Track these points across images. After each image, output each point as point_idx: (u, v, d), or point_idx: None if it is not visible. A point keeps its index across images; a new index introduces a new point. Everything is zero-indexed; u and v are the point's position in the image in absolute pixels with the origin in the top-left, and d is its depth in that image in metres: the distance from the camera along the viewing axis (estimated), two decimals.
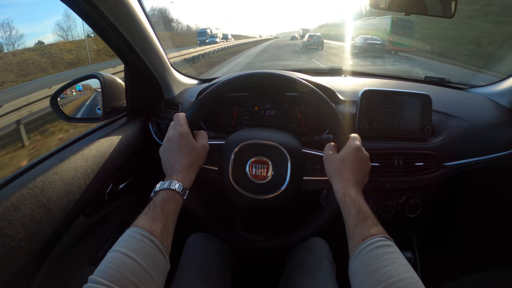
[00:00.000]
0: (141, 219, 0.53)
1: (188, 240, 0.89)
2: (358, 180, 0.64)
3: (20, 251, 0.59)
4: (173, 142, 0.66)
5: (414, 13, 1.01)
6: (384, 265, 0.47)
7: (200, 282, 0.75)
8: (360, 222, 0.56)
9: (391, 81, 1.30)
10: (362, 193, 0.63)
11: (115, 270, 0.44)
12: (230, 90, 0.74)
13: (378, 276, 0.46)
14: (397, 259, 0.49)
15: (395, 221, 1.02)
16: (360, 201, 0.60)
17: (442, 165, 0.95)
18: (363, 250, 0.52)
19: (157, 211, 0.55)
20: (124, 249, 0.47)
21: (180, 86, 1.20)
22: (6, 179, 0.64)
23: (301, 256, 0.85)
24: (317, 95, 0.71)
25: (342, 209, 0.61)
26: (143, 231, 0.50)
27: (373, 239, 0.52)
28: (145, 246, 0.49)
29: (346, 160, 0.65)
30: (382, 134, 0.96)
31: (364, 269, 0.50)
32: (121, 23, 0.81)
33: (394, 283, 0.44)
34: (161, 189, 0.60)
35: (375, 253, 0.50)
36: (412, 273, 0.47)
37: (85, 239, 0.83)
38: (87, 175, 0.77)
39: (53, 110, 0.99)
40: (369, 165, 0.68)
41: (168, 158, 0.66)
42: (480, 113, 1.07)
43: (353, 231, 0.56)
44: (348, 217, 0.59)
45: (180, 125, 0.67)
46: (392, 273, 0.46)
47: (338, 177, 0.65)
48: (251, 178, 0.72)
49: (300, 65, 11.33)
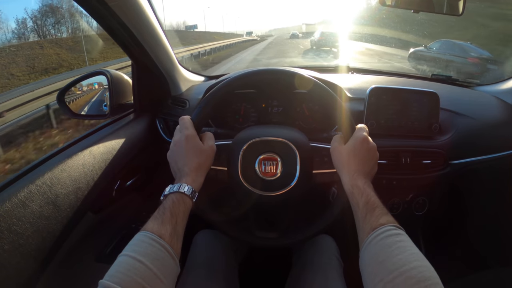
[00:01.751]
0: (151, 223, 0.53)
1: (196, 237, 0.89)
2: (366, 170, 0.64)
3: (28, 248, 0.59)
4: (180, 145, 0.66)
5: (422, 10, 1.00)
6: (395, 254, 0.47)
7: (208, 279, 0.75)
8: (369, 212, 0.56)
9: (398, 78, 1.29)
10: (371, 184, 0.63)
11: (125, 274, 0.44)
12: (235, 89, 0.73)
13: (389, 265, 0.46)
14: (408, 247, 0.48)
15: (401, 219, 1.01)
16: (368, 191, 0.59)
17: (449, 163, 0.95)
18: (373, 240, 0.51)
19: (167, 214, 0.55)
20: (133, 254, 0.47)
21: (187, 82, 1.20)
22: (14, 176, 0.65)
23: (309, 253, 0.85)
24: (321, 88, 0.71)
25: (351, 200, 0.61)
26: (152, 235, 0.51)
27: (383, 229, 0.52)
28: (155, 250, 0.49)
29: (353, 151, 0.65)
30: (390, 131, 0.95)
31: (374, 259, 0.49)
32: (129, 20, 0.81)
33: (406, 271, 0.44)
34: (171, 193, 0.60)
35: (385, 242, 0.50)
36: (424, 261, 0.46)
37: (92, 235, 0.83)
38: (95, 172, 0.77)
39: (60, 106, 1.00)
40: (376, 155, 0.67)
41: (176, 162, 0.66)
42: (487, 111, 1.06)
43: (363, 222, 0.56)
44: (357, 208, 0.58)
45: (186, 128, 0.67)
46: (403, 262, 0.45)
47: (345, 169, 0.65)
48: (261, 176, 0.71)
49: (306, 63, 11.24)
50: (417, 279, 0.42)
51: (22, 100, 5.17)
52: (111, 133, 0.89)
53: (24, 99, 5.20)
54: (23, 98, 5.22)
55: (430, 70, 7.59)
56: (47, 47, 15.59)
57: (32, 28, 19.74)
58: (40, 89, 5.56)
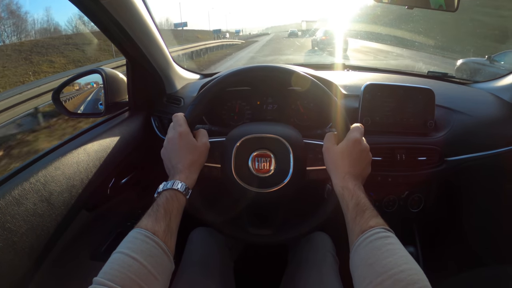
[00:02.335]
0: (145, 220, 0.54)
1: (191, 234, 0.89)
2: (357, 172, 0.64)
3: (22, 246, 0.59)
4: (173, 142, 0.66)
5: (416, 7, 1.00)
6: (384, 257, 0.47)
7: (203, 277, 0.75)
8: (358, 215, 0.56)
9: (393, 75, 1.29)
10: (363, 185, 0.62)
11: (119, 271, 0.44)
12: (228, 85, 0.73)
13: (378, 268, 0.46)
14: (397, 250, 0.48)
15: (397, 215, 1.02)
16: (358, 193, 0.59)
17: (444, 160, 0.95)
18: (362, 242, 0.51)
19: (160, 211, 0.55)
20: (127, 250, 0.48)
21: (182, 80, 1.19)
22: (8, 173, 0.64)
23: (304, 250, 0.85)
24: (317, 87, 0.70)
25: (341, 202, 0.61)
26: (146, 232, 0.51)
27: (372, 231, 0.52)
28: (149, 247, 0.49)
29: (345, 153, 0.64)
30: (385, 128, 0.95)
31: (364, 261, 0.49)
32: (123, 18, 0.80)
33: (395, 274, 0.44)
34: (164, 190, 0.60)
35: (375, 245, 0.50)
36: (413, 264, 0.46)
37: (87, 233, 0.83)
38: (89, 170, 0.77)
39: (55, 105, 0.99)
40: (369, 157, 0.67)
41: (170, 159, 0.66)
42: (483, 108, 1.06)
43: (352, 224, 0.56)
44: (347, 210, 0.58)
45: (179, 125, 0.67)
46: (392, 265, 0.45)
47: (336, 170, 0.64)
48: (254, 172, 0.71)
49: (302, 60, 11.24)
50: (406, 282, 0.42)
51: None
52: (105, 131, 0.88)
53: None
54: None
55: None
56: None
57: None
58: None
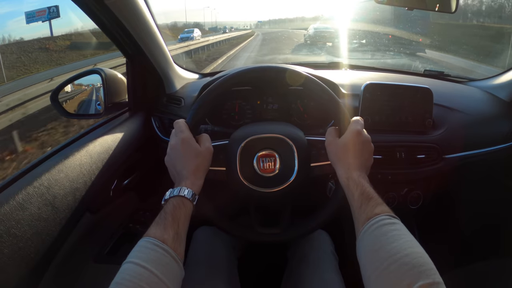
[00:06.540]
0: (153, 228, 0.54)
1: (195, 233, 0.89)
2: (361, 163, 0.65)
3: (28, 251, 0.58)
4: (176, 149, 0.65)
5: (415, 8, 1.01)
6: (389, 242, 0.48)
7: (208, 275, 0.76)
8: (364, 203, 0.57)
9: (391, 74, 1.30)
10: (367, 176, 0.64)
11: (130, 281, 0.44)
12: (228, 88, 0.73)
13: (384, 253, 0.47)
14: (402, 235, 0.49)
15: (397, 212, 1.02)
16: (362, 183, 0.60)
17: (443, 158, 0.96)
18: (368, 229, 0.52)
19: (168, 219, 0.55)
20: (138, 260, 0.48)
21: (182, 80, 1.19)
22: (11, 177, 0.64)
23: (304, 248, 0.86)
24: (315, 83, 0.71)
25: (347, 193, 0.62)
26: (155, 241, 0.51)
27: (378, 218, 0.53)
28: (159, 256, 0.49)
29: (348, 145, 0.65)
30: (385, 127, 0.96)
31: (370, 247, 0.50)
32: (124, 17, 0.80)
33: (400, 258, 0.45)
34: (171, 197, 0.60)
35: (380, 231, 0.51)
36: (418, 248, 0.47)
37: (90, 236, 0.82)
38: (92, 172, 0.77)
39: (53, 106, 0.98)
40: (371, 147, 0.68)
41: (174, 166, 0.66)
42: (479, 106, 1.08)
43: (358, 213, 0.57)
44: (353, 200, 0.59)
45: (181, 131, 0.67)
46: (398, 249, 0.46)
47: (340, 163, 0.65)
48: (260, 173, 0.72)
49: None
50: (411, 265, 0.43)
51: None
52: (107, 132, 0.88)
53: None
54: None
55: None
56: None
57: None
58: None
